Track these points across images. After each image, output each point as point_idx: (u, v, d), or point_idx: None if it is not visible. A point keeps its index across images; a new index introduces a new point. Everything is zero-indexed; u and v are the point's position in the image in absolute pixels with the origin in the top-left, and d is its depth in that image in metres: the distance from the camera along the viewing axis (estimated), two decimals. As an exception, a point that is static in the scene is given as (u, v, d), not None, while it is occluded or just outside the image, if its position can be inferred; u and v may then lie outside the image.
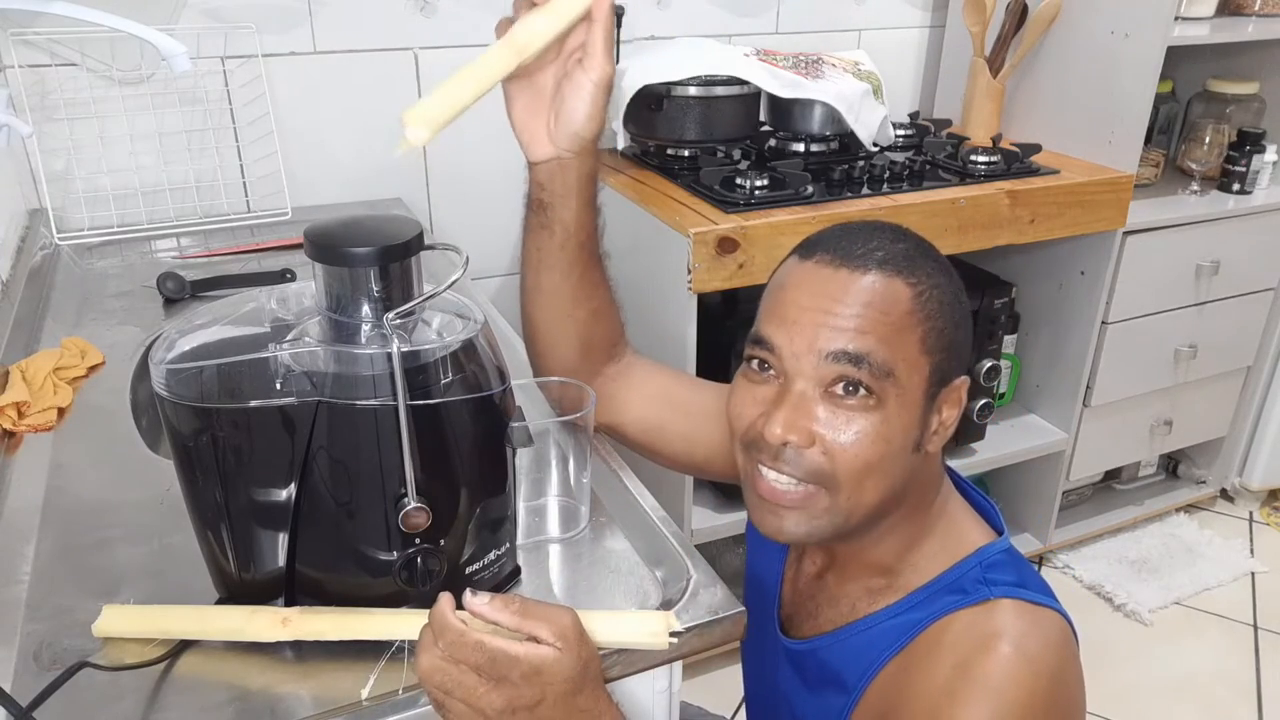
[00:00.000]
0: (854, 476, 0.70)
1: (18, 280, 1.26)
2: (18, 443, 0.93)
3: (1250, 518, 2.31)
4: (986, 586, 0.72)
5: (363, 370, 0.61)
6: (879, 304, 0.69)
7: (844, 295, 0.69)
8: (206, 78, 1.52)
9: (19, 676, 0.64)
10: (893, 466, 0.71)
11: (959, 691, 0.67)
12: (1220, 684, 1.84)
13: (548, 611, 0.61)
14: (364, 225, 0.65)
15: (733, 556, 1.89)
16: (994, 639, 0.68)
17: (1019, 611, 0.70)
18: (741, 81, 1.62)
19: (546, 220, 0.84)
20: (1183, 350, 1.97)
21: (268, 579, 0.67)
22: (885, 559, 0.78)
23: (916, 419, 0.71)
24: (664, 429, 0.92)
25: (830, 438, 0.69)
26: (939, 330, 0.70)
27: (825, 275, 0.70)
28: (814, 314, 0.70)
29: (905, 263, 0.70)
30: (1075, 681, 0.71)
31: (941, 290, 0.71)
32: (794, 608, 0.87)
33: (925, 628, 0.72)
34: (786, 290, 0.72)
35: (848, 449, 0.69)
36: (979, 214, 1.59)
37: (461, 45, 1.65)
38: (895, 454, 0.70)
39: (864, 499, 0.71)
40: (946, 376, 0.72)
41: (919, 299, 0.70)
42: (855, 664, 0.76)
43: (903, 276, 0.70)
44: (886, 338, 0.68)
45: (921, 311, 0.70)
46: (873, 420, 0.69)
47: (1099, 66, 1.74)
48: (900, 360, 0.69)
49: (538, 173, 0.83)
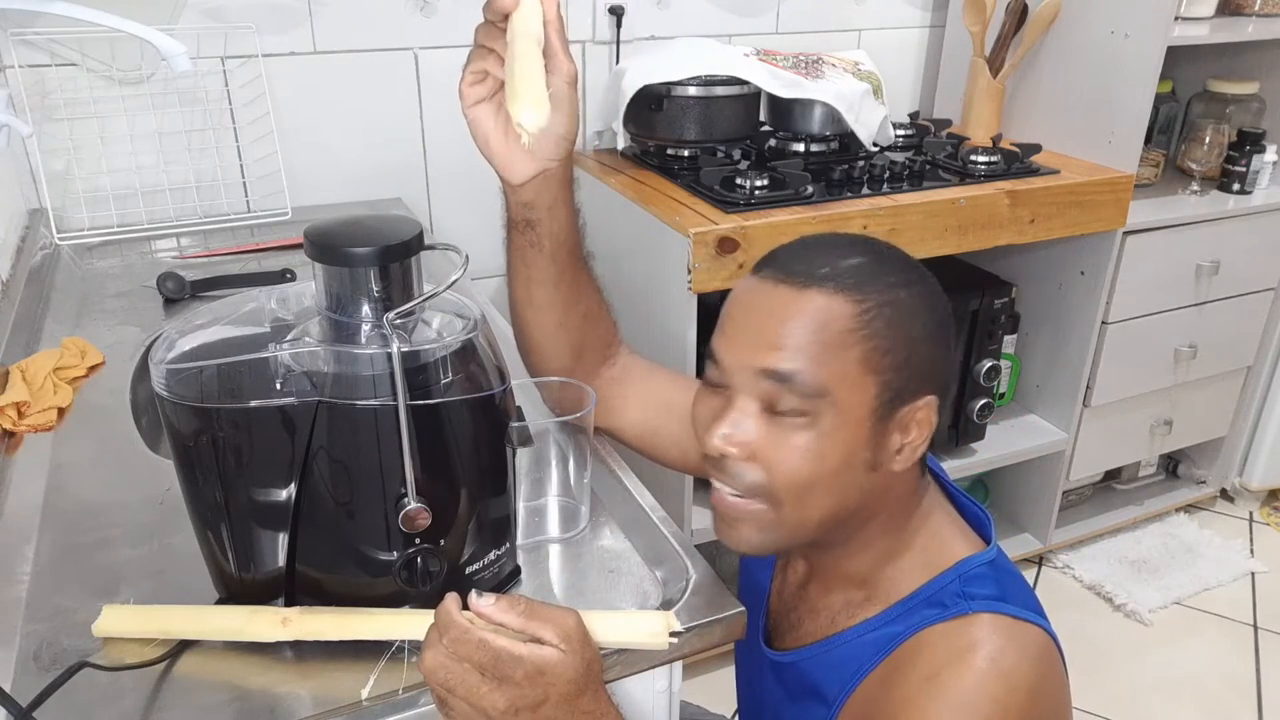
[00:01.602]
0: (793, 492, 0.70)
1: (18, 280, 1.26)
2: (18, 443, 0.93)
3: (1250, 518, 2.31)
4: (965, 600, 0.71)
5: (363, 370, 0.61)
6: (812, 322, 0.68)
7: (779, 312, 0.69)
8: (206, 78, 1.52)
9: (19, 676, 0.64)
10: (836, 484, 0.70)
11: (926, 703, 0.66)
12: (1220, 684, 1.84)
13: (552, 613, 0.61)
14: (364, 225, 0.65)
15: (732, 556, 1.87)
16: (967, 652, 0.67)
17: (996, 626, 0.69)
18: (741, 81, 1.62)
19: (535, 238, 0.83)
20: (1183, 350, 1.97)
21: (268, 579, 0.67)
22: (862, 571, 0.77)
23: (863, 438, 0.69)
24: (661, 432, 0.92)
25: (765, 453, 0.69)
26: (885, 349, 0.68)
27: (767, 291, 0.71)
28: (750, 330, 0.70)
29: (852, 279, 0.69)
30: (1055, 697, 0.70)
31: (895, 307, 0.69)
32: (779, 618, 0.87)
33: (903, 641, 0.72)
34: (733, 304, 0.74)
35: (781, 464, 0.69)
36: (979, 214, 1.59)
37: (461, 45, 1.64)
38: (836, 471, 0.69)
39: (808, 514, 0.71)
40: (902, 395, 0.70)
41: (861, 316, 0.68)
42: (835, 677, 0.76)
43: (846, 293, 0.68)
44: (818, 356, 0.67)
45: (865, 330, 0.68)
46: (806, 438, 0.68)
47: (1099, 66, 1.74)
48: (835, 379, 0.68)
49: (522, 193, 0.81)
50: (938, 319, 0.72)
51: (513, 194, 0.82)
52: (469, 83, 0.78)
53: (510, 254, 0.86)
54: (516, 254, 0.86)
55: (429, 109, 1.68)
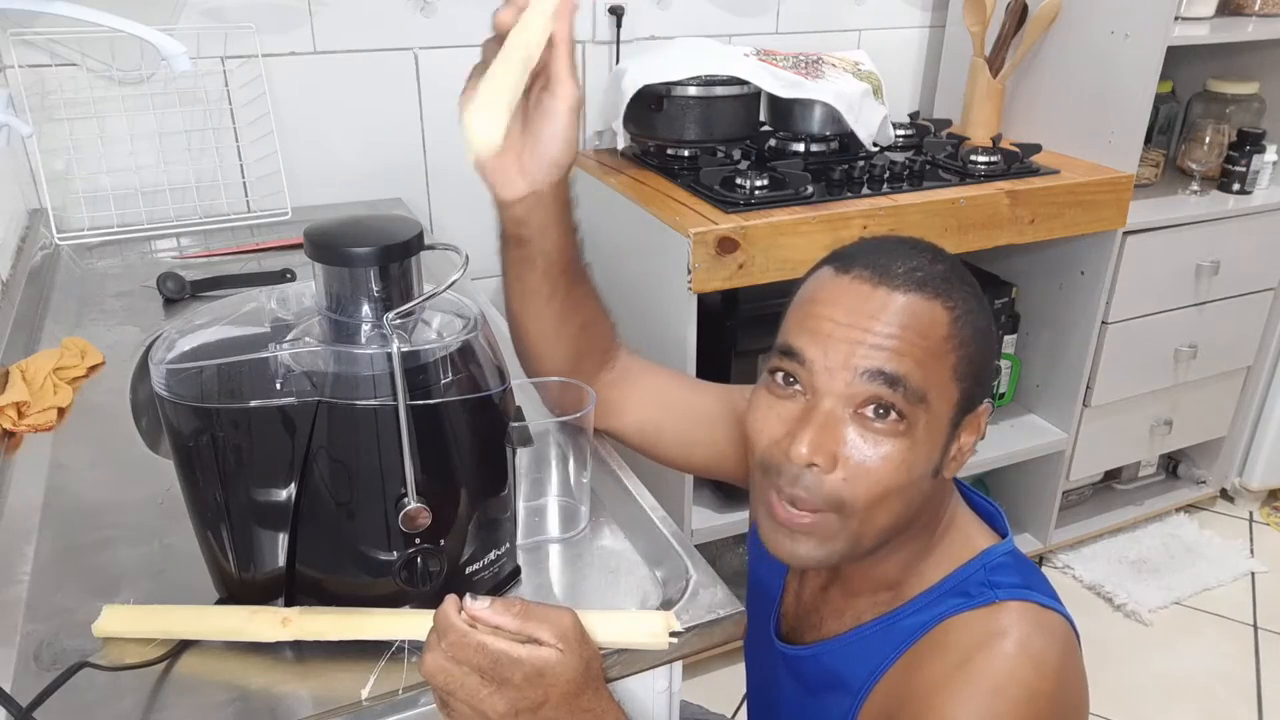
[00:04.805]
0: (870, 502, 0.67)
1: (18, 280, 1.26)
2: (18, 443, 0.93)
3: (1250, 518, 2.31)
4: (991, 589, 0.72)
5: (363, 370, 0.61)
6: (918, 326, 0.66)
7: (883, 313, 0.66)
8: (206, 78, 1.52)
9: (19, 676, 0.64)
10: (910, 492, 0.69)
11: (958, 686, 0.66)
12: (1220, 684, 1.84)
13: (548, 613, 0.61)
14: (364, 225, 0.65)
15: (733, 556, 1.89)
16: (997, 638, 0.68)
17: (1024, 612, 0.70)
18: (741, 81, 1.62)
19: (527, 254, 0.82)
20: (1183, 350, 1.97)
21: (268, 579, 0.67)
22: (892, 574, 0.77)
23: (940, 445, 0.69)
24: (662, 432, 0.92)
25: (855, 461, 0.67)
26: (970, 357, 0.68)
27: (864, 292, 0.68)
28: (850, 330, 0.67)
29: (944, 285, 0.68)
30: (1079, 684, 0.71)
31: (975, 316, 0.69)
32: (797, 620, 0.86)
33: (929, 630, 0.72)
34: (820, 304, 0.69)
35: (870, 474, 0.67)
36: (979, 214, 1.59)
37: (461, 45, 1.65)
38: (915, 481, 0.68)
39: (875, 524, 0.69)
40: (971, 403, 0.70)
41: (955, 324, 0.68)
42: (860, 667, 0.76)
43: (941, 299, 0.67)
44: (923, 361, 0.66)
45: (957, 337, 0.68)
46: (900, 446, 0.67)
47: (1099, 66, 1.74)
48: (933, 385, 0.67)
49: (514, 210, 0.79)
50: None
51: (503, 210, 0.80)
52: (468, 97, 0.76)
53: (504, 266, 0.85)
54: (510, 268, 0.85)
55: (429, 109, 1.68)
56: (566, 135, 0.76)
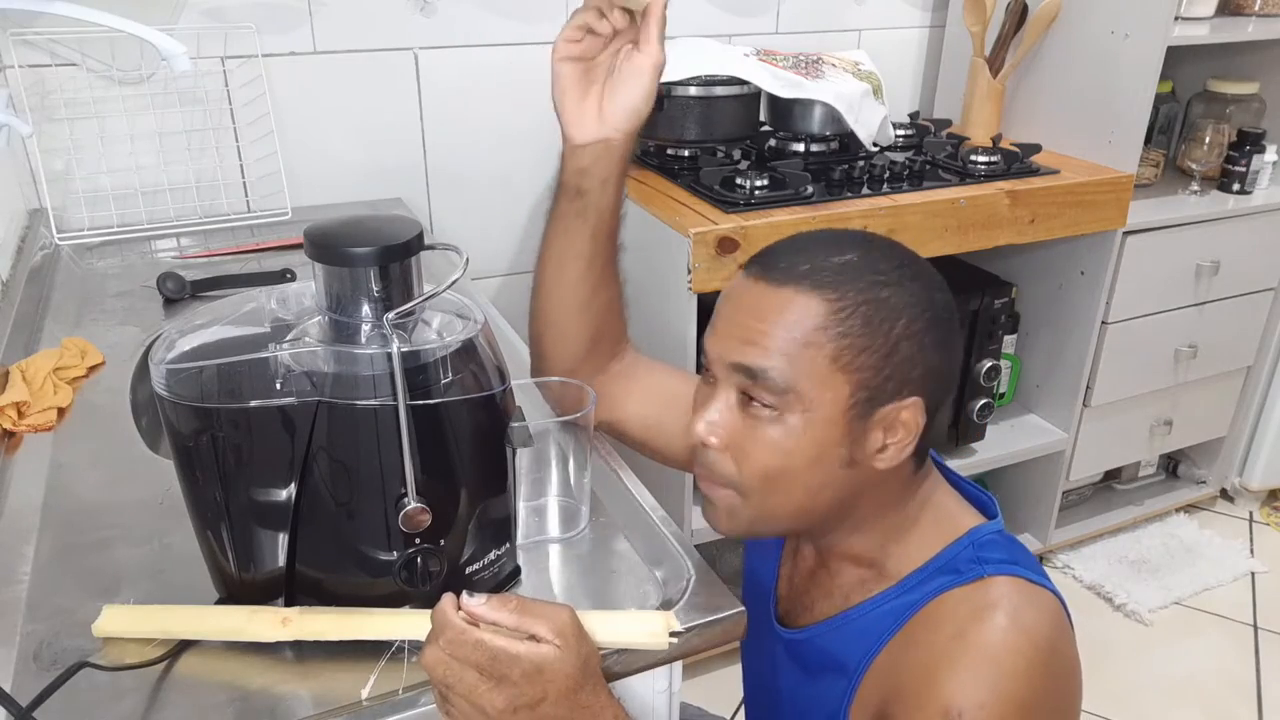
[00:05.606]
0: (757, 484, 0.72)
1: (18, 280, 1.26)
2: (18, 443, 0.93)
3: (1250, 518, 2.31)
4: (980, 565, 0.73)
5: (363, 370, 0.61)
6: (786, 320, 0.69)
7: (755, 308, 0.71)
8: (206, 78, 1.52)
9: (19, 676, 0.64)
10: (807, 479, 0.72)
11: (954, 658, 0.68)
12: (1220, 684, 1.84)
13: (545, 609, 0.61)
14: (364, 225, 0.65)
15: (733, 556, 1.89)
16: (989, 610, 0.69)
17: (1013, 587, 0.71)
18: (741, 81, 1.62)
19: (582, 207, 0.85)
20: (1183, 350, 1.97)
21: (268, 579, 0.67)
22: (868, 552, 0.78)
23: (836, 436, 0.70)
24: (664, 426, 0.92)
25: (736, 444, 0.72)
26: (861, 347, 0.69)
27: (748, 287, 0.72)
28: (730, 326, 0.73)
29: (831, 276, 0.69)
30: (1071, 655, 0.72)
31: (875, 306, 0.69)
32: (791, 603, 0.87)
33: (921, 607, 0.73)
34: (722, 301, 0.76)
35: (750, 457, 0.72)
36: (979, 214, 1.59)
37: (461, 45, 1.65)
38: (806, 467, 0.71)
39: (775, 506, 0.73)
40: (881, 395, 0.70)
41: (834, 315, 0.68)
42: (855, 647, 0.77)
43: (821, 291, 0.69)
44: (789, 353, 0.69)
45: (837, 328, 0.68)
46: (775, 433, 0.71)
47: (1099, 66, 1.74)
48: (805, 376, 0.69)
49: (580, 157, 0.83)
50: (929, 318, 0.71)
51: (571, 156, 0.84)
52: (567, 37, 0.82)
53: (552, 223, 0.87)
54: (559, 223, 0.86)
55: (429, 109, 1.68)
56: (649, 89, 0.83)
